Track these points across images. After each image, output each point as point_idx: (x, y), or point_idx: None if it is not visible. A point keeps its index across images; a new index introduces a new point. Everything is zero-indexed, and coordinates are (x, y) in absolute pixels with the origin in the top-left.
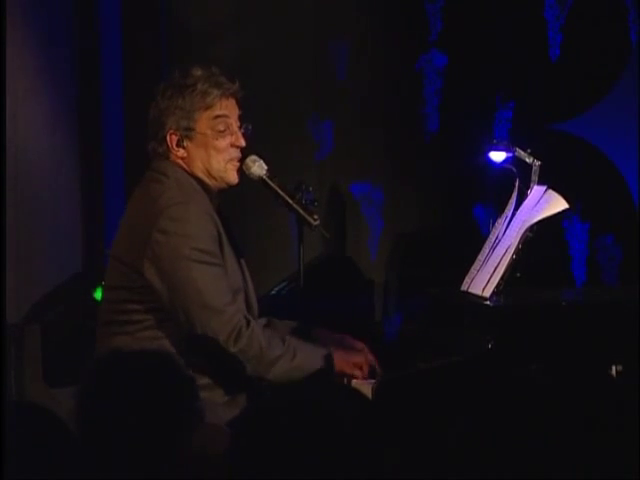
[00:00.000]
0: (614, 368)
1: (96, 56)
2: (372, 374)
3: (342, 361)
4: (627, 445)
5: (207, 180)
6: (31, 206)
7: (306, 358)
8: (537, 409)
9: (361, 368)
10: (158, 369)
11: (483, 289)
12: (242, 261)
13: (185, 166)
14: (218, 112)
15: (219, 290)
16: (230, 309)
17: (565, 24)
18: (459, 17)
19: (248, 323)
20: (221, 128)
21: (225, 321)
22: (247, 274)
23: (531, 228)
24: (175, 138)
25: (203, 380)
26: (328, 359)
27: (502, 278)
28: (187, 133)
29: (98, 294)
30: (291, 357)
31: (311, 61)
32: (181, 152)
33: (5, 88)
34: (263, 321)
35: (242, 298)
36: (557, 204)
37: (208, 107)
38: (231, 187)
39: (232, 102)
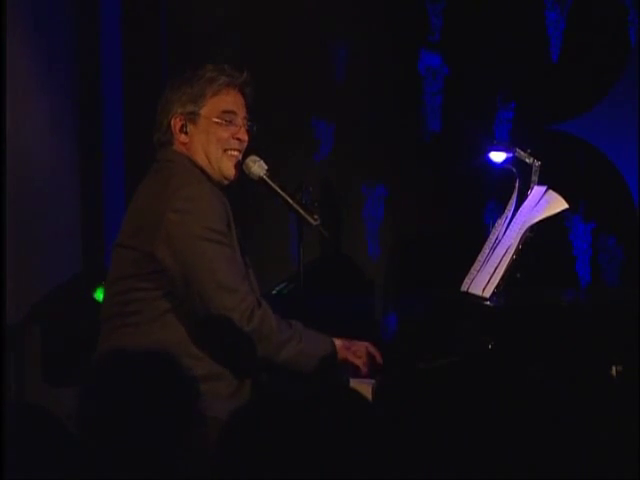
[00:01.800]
0: (614, 368)
1: (96, 56)
2: (373, 373)
3: (344, 349)
4: (627, 445)
5: (208, 170)
6: (31, 206)
7: (312, 343)
8: (537, 409)
9: (361, 358)
10: (159, 369)
11: (483, 289)
12: (247, 258)
13: (187, 152)
14: (226, 107)
15: (232, 269)
16: (243, 288)
17: (565, 24)
18: (460, 17)
19: (260, 303)
20: (226, 118)
21: (239, 299)
22: (251, 270)
23: (531, 228)
24: (179, 123)
25: (209, 369)
26: (331, 346)
27: (502, 278)
28: (191, 117)
29: (98, 294)
30: (298, 341)
31: (311, 61)
32: (183, 137)
33: (5, 88)
34: None
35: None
36: (557, 204)
37: (215, 93)
38: (230, 184)
39: (240, 98)
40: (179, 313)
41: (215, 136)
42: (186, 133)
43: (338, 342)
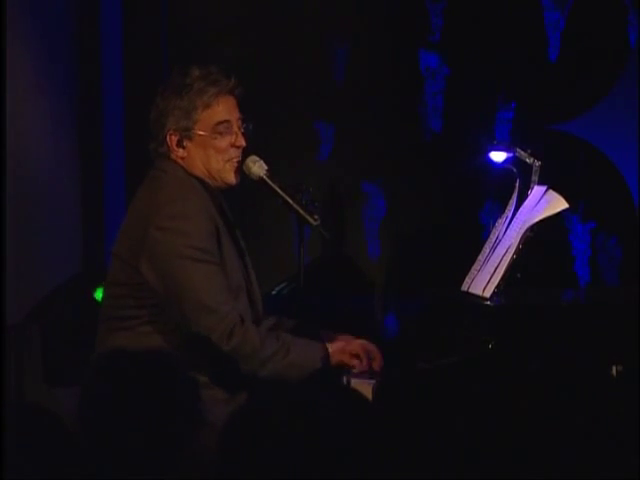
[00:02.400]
0: (614, 368)
1: (96, 56)
2: (372, 373)
3: (339, 352)
4: (627, 445)
5: (207, 180)
6: (31, 206)
7: (301, 354)
8: (537, 409)
9: (359, 357)
10: (159, 369)
11: (484, 289)
12: (247, 260)
13: (185, 166)
14: (218, 118)
15: (213, 288)
16: (224, 308)
17: (565, 24)
18: (460, 17)
19: (242, 322)
20: (221, 129)
21: (217, 319)
22: (252, 273)
23: (531, 228)
24: (175, 139)
25: (203, 378)
26: (324, 352)
27: (502, 278)
28: (186, 133)
29: (98, 294)
30: (284, 354)
31: (312, 62)
32: (181, 152)
33: (5, 88)
34: (272, 320)
35: (244, 296)
36: (557, 204)
37: (207, 106)
38: (231, 188)
39: (231, 101)
40: (167, 324)
41: (214, 149)
42: (183, 148)
43: (332, 346)
